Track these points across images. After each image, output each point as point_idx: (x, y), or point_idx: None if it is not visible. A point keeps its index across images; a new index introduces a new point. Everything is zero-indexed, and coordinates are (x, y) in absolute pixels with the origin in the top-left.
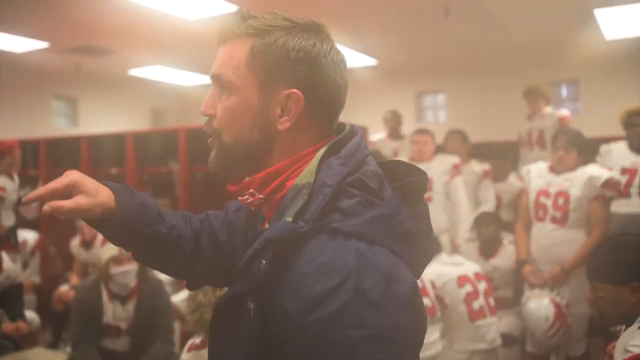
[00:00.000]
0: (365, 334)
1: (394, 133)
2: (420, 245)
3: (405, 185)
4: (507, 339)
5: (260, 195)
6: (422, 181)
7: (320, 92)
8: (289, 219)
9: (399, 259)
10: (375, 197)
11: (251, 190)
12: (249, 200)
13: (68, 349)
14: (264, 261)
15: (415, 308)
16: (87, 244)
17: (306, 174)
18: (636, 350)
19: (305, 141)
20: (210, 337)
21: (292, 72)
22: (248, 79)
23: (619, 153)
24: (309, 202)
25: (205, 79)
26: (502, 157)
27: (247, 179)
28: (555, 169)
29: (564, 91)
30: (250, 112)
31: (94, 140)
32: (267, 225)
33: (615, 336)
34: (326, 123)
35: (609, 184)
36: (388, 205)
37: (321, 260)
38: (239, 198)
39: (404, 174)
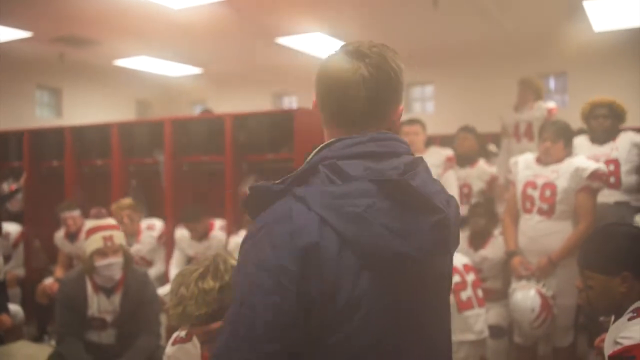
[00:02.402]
0: (259, 265)
1: None
2: (371, 233)
3: (384, 181)
4: (496, 331)
5: None
6: (413, 188)
7: (322, 100)
8: (277, 181)
9: (328, 227)
10: (343, 179)
11: None
12: None
13: (53, 343)
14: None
15: (304, 257)
16: (71, 236)
17: (309, 158)
18: (626, 342)
19: (329, 136)
20: None
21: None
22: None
23: (582, 146)
24: (291, 175)
25: (191, 70)
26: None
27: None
28: (542, 161)
29: (552, 83)
30: None
31: (79, 131)
32: None
33: (604, 328)
34: (339, 124)
35: (595, 175)
36: (344, 187)
37: (269, 210)
38: None
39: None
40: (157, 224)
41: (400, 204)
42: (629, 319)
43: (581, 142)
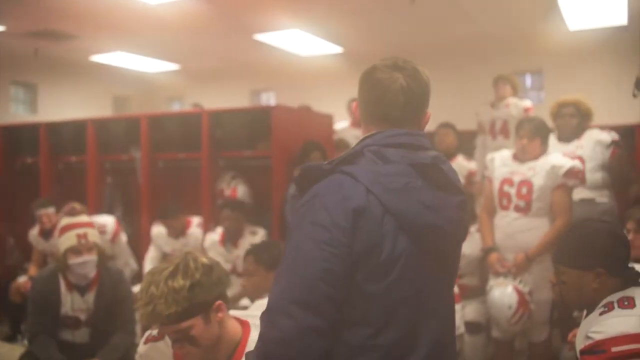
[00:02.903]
0: (312, 220)
1: (358, 121)
2: (409, 205)
3: (419, 164)
4: (473, 327)
5: None
6: (443, 172)
7: (363, 101)
8: (326, 162)
9: (373, 196)
10: (385, 161)
11: None
12: None
13: (26, 342)
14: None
15: (354, 218)
16: (46, 234)
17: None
18: (597, 337)
19: (365, 131)
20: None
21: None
22: None
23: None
24: (337, 158)
25: (168, 66)
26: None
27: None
28: (519, 158)
29: (528, 81)
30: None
31: (54, 127)
32: None
33: (577, 323)
34: (375, 120)
35: (571, 173)
36: (386, 167)
37: (323, 183)
38: None
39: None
40: (109, 223)
41: (432, 184)
42: (600, 314)
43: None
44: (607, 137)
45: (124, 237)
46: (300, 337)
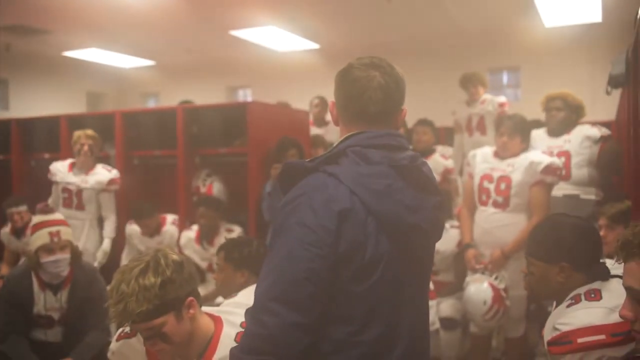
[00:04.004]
0: (298, 221)
1: (319, 119)
2: (390, 206)
3: (400, 166)
4: (448, 323)
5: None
6: (423, 173)
7: (341, 102)
8: (309, 160)
9: (357, 198)
10: (367, 163)
11: None
12: None
13: None
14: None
15: (338, 220)
16: (18, 232)
17: (336, 144)
18: (563, 328)
19: (344, 131)
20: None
21: (335, 91)
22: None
23: (538, 138)
24: (321, 156)
25: (143, 62)
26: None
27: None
28: (499, 155)
29: (505, 78)
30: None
31: (26, 124)
32: None
33: None
34: (354, 121)
35: (549, 169)
36: (369, 168)
37: (305, 182)
38: None
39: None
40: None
41: (411, 184)
42: (567, 306)
43: (539, 134)
44: (597, 132)
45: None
46: (284, 333)
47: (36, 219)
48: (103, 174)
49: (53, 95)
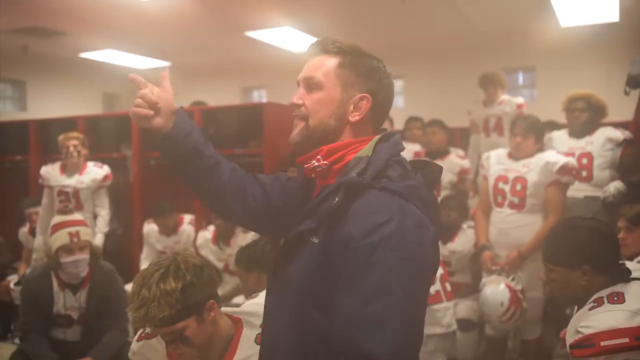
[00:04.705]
0: (401, 256)
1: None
2: (435, 216)
3: (428, 172)
4: (465, 324)
5: (325, 162)
6: (438, 171)
7: (380, 100)
8: (354, 174)
9: (425, 216)
10: (411, 173)
11: (318, 157)
12: (314, 165)
13: (17, 341)
14: (337, 198)
15: (435, 250)
16: (35, 232)
17: (365, 150)
18: (586, 331)
19: (365, 132)
20: (278, 267)
21: (365, 83)
22: (334, 82)
23: (559, 139)
24: (366, 168)
25: (158, 63)
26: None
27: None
28: (513, 155)
29: (520, 78)
30: (332, 105)
31: (43, 125)
32: (319, 188)
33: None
34: (379, 122)
35: (565, 169)
36: (418, 180)
37: (375, 204)
38: (305, 165)
39: (422, 166)
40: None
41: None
42: (590, 309)
43: (559, 135)
44: (620, 135)
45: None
46: None
47: (56, 219)
48: (96, 171)
49: (70, 96)
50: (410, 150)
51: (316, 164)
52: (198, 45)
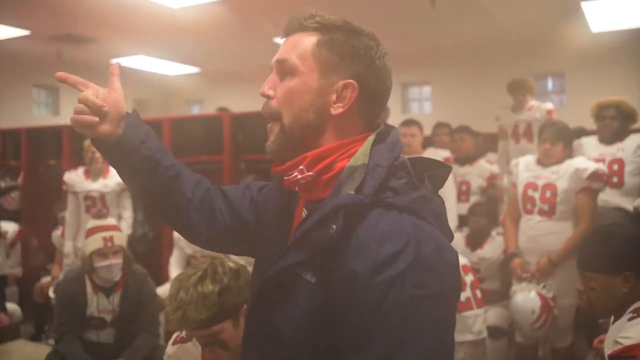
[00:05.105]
0: (425, 293)
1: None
2: (447, 228)
3: (435, 175)
4: (495, 332)
5: (310, 173)
6: (446, 173)
7: (371, 87)
8: (351, 192)
9: (440, 233)
10: (417, 181)
11: (301, 167)
12: (297, 177)
13: (50, 341)
14: (334, 226)
15: (458, 273)
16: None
17: (360, 156)
18: (626, 342)
19: (354, 129)
20: (257, 313)
21: (351, 66)
22: (311, 66)
23: (589, 145)
24: (365, 180)
25: (188, 69)
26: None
27: (294, 159)
28: (542, 162)
29: (550, 84)
30: (309, 94)
31: (76, 131)
32: (304, 205)
33: (603, 329)
34: (371, 116)
35: (595, 175)
36: (427, 189)
37: (382, 229)
38: (285, 177)
39: (428, 166)
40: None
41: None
42: (629, 319)
43: (589, 141)
44: None
45: None
46: None
47: (90, 223)
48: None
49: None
50: (439, 157)
51: (299, 176)
52: (227, 52)
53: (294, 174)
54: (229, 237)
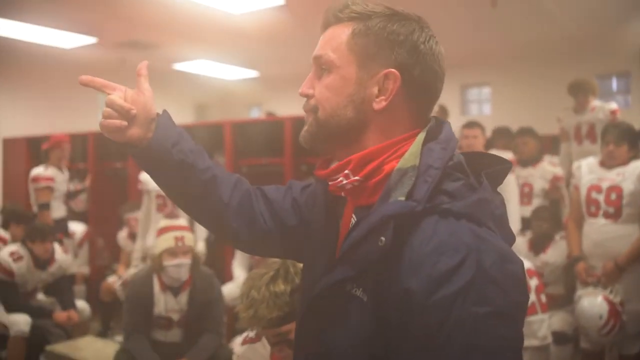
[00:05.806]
0: (489, 311)
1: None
2: (509, 231)
3: (494, 172)
4: (560, 337)
5: (357, 177)
6: (506, 170)
7: (416, 75)
8: (402, 198)
9: (503, 241)
10: (474, 181)
11: (346, 172)
12: (343, 183)
13: (117, 338)
14: (383, 238)
15: (525, 287)
16: (134, 237)
17: (410, 157)
18: None
19: (400, 126)
20: (306, 329)
21: (390, 54)
22: (347, 58)
23: None
24: (416, 184)
25: (247, 73)
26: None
27: (337, 163)
28: (606, 164)
29: (614, 84)
30: (347, 89)
31: None
32: (353, 211)
33: None
34: (421, 110)
35: None
36: (486, 189)
37: (439, 240)
38: (330, 182)
39: (487, 163)
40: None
41: None
42: None
43: None
44: None
45: None
46: None
47: (162, 222)
48: None
49: (164, 105)
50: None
51: (345, 180)
52: (286, 57)
53: (339, 179)
54: (272, 240)
